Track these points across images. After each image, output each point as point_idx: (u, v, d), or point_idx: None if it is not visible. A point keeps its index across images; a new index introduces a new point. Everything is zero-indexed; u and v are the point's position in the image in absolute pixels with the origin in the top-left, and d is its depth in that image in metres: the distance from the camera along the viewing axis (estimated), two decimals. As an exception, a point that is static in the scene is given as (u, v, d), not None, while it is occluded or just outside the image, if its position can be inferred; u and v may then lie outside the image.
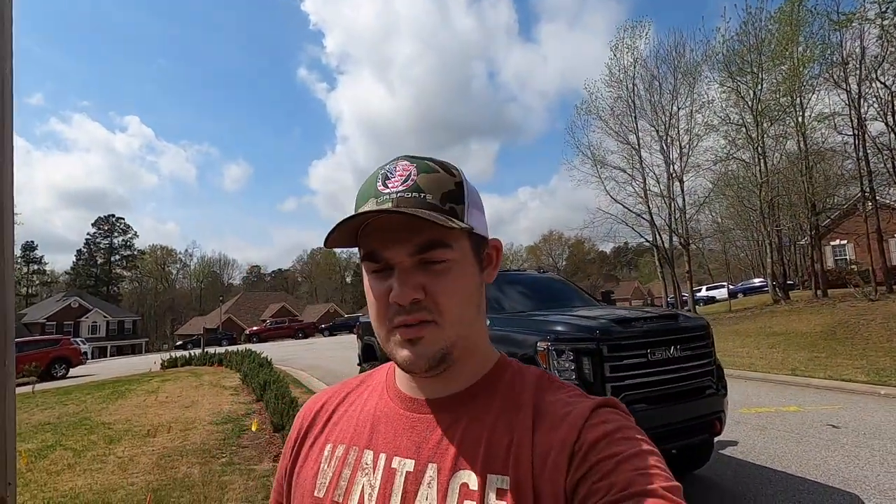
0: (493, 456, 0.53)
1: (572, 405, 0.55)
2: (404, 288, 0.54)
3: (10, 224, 3.15)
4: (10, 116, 3.18)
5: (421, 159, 0.58)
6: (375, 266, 0.57)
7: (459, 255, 0.57)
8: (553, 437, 0.52)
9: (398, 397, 0.62)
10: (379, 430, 0.60)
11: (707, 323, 3.71)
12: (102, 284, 69.19)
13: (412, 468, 0.55)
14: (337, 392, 0.69)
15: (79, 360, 17.50)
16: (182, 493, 4.03)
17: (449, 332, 0.56)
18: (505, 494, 0.50)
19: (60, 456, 5.47)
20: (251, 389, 9.03)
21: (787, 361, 9.30)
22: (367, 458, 0.58)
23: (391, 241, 0.55)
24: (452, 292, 0.56)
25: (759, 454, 4.42)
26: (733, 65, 20.08)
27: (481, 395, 0.59)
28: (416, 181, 0.56)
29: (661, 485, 0.46)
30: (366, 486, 0.56)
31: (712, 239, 31.12)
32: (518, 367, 0.63)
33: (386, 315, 0.56)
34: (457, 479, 0.53)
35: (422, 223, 0.53)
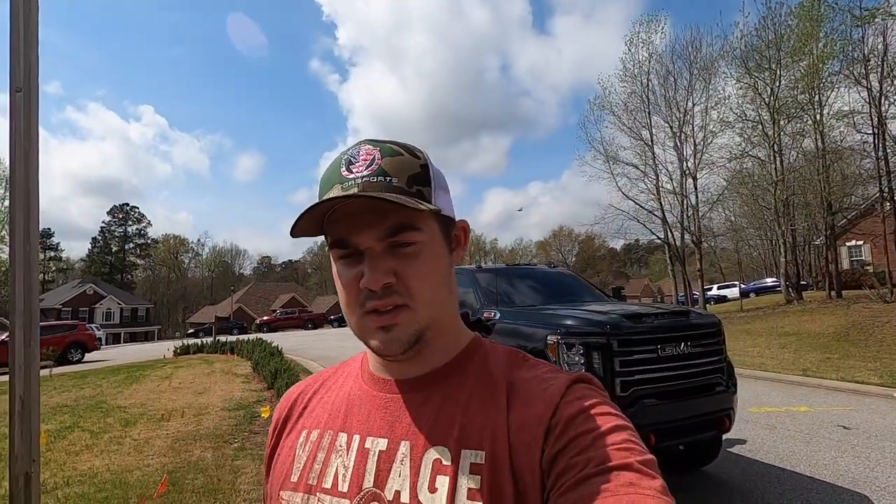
0: (468, 432, 0.53)
1: (547, 381, 0.55)
2: (375, 273, 0.54)
3: (36, 212, 3.20)
4: (35, 105, 3.22)
5: (384, 142, 0.57)
6: (344, 252, 0.56)
7: (428, 237, 0.57)
8: (529, 413, 0.52)
9: (371, 380, 0.63)
10: (353, 413, 0.60)
11: (718, 320, 3.70)
12: (117, 272, 70.29)
13: (385, 447, 0.55)
14: (314, 381, 0.70)
15: (94, 345, 17.84)
16: (196, 476, 4.13)
17: (422, 315, 0.56)
18: (480, 468, 0.50)
19: (78, 437, 5.62)
20: (262, 377, 9.16)
21: (799, 362, 9.21)
22: (341, 440, 0.58)
23: (360, 227, 0.55)
24: (423, 275, 0.56)
25: (768, 453, 4.41)
26: (751, 60, 19.72)
27: (454, 373, 0.59)
28: (380, 165, 0.55)
29: (637, 458, 0.47)
30: (340, 467, 0.56)
31: (725, 237, 30.77)
32: (490, 345, 0.64)
33: (357, 301, 0.56)
34: (430, 455, 0.53)
35: (389, 207, 0.52)
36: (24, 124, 3.24)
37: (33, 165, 3.25)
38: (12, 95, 3.28)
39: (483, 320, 4.32)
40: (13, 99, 3.28)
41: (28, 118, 3.27)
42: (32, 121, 3.27)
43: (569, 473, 0.47)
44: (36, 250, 3.25)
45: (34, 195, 3.24)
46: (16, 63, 3.34)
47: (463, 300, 4.72)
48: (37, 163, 3.32)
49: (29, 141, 3.25)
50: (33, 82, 3.36)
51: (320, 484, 0.56)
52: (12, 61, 3.35)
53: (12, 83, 3.30)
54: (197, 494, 3.70)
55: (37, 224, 3.26)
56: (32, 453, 2.96)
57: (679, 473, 4.00)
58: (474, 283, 4.84)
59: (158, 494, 3.54)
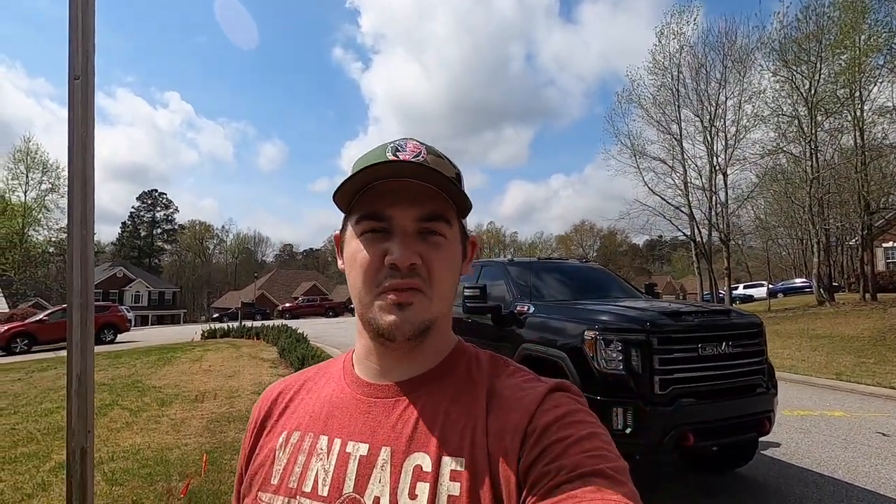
0: (448, 438, 0.53)
1: (526, 390, 0.56)
2: (407, 251, 0.54)
3: (92, 198, 3.30)
4: (92, 93, 3.31)
5: (428, 144, 0.61)
6: (375, 225, 0.56)
7: (453, 234, 0.59)
8: (507, 421, 0.53)
9: (355, 383, 0.62)
10: (334, 416, 0.60)
11: (761, 321, 3.62)
12: (145, 256, 72.33)
13: (366, 452, 0.55)
14: (294, 381, 0.69)
15: (125, 326, 18.41)
16: (232, 456, 4.25)
17: (435, 306, 0.57)
18: (459, 475, 0.51)
19: (119, 415, 5.84)
20: (289, 363, 9.35)
21: (832, 365, 8.96)
22: (321, 443, 0.58)
23: (401, 203, 0.56)
24: (445, 267, 0.57)
25: (804, 457, 4.32)
26: (789, 53, 19.06)
27: (437, 379, 0.60)
28: (426, 158, 0.57)
29: (608, 465, 0.46)
30: (320, 470, 0.56)
31: (754, 235, 29.99)
32: (474, 351, 0.64)
33: (375, 279, 0.56)
34: (410, 462, 0.53)
35: (428, 194, 0.55)
36: (82, 112, 3.34)
37: (90, 152, 3.35)
38: (71, 83, 3.38)
39: (516, 314, 4.31)
40: (72, 86, 3.38)
41: (85, 106, 3.37)
42: (89, 108, 3.37)
43: (542, 482, 0.47)
44: (92, 235, 3.36)
45: (90, 182, 3.34)
46: (74, 51, 3.43)
47: (494, 293, 4.72)
48: (93, 150, 3.42)
49: (86, 129, 3.35)
50: (90, 70, 3.46)
51: (300, 487, 0.56)
52: (71, 50, 3.45)
53: (71, 71, 3.40)
54: (234, 475, 3.81)
55: (92, 210, 3.36)
56: (88, 424, 3.09)
57: (713, 474, 3.95)
58: (506, 276, 4.83)
59: (204, 472, 3.66)
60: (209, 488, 3.51)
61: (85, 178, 3.32)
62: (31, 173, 35.13)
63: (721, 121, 21.51)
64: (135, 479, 3.75)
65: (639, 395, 3.10)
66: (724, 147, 21.52)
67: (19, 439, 4.99)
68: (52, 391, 7.61)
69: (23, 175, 34.89)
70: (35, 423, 5.65)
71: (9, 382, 8.76)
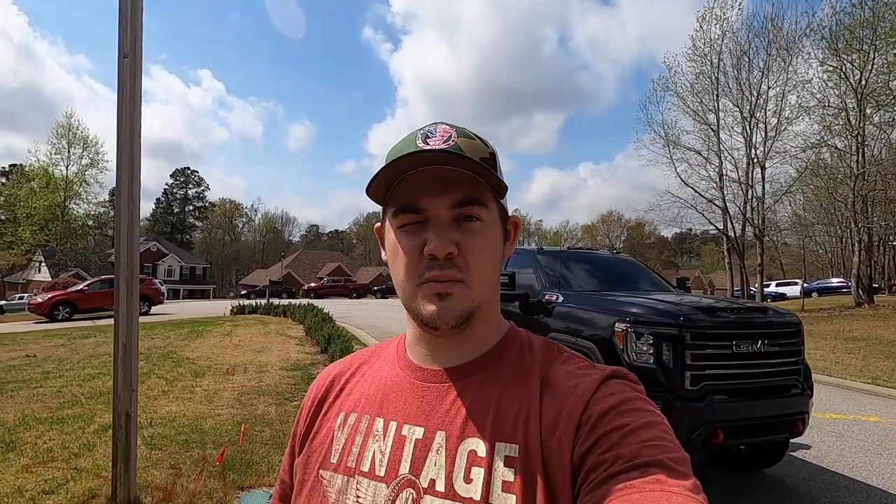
0: (502, 424, 0.53)
1: (580, 377, 0.55)
2: (441, 241, 0.54)
3: (139, 173, 3.38)
4: (140, 70, 3.37)
5: (459, 126, 0.59)
6: (411, 218, 0.57)
7: (491, 218, 0.58)
8: (561, 409, 0.52)
9: (409, 367, 0.63)
10: (389, 399, 0.61)
11: (799, 320, 3.52)
12: (177, 232, 74.68)
13: (421, 435, 0.56)
14: (350, 363, 0.71)
15: (159, 299, 19.07)
16: (263, 428, 4.41)
17: (476, 293, 0.56)
18: (514, 462, 0.51)
19: (155, 383, 6.11)
20: (315, 341, 9.57)
21: (868, 369, 8.65)
22: (378, 425, 0.59)
23: (433, 192, 0.55)
24: (482, 253, 0.56)
25: (835, 461, 4.22)
26: (840, 41, 18.06)
27: (490, 364, 0.60)
28: (457, 142, 0.56)
29: (668, 455, 0.45)
30: (377, 451, 0.57)
31: (790, 231, 28.93)
32: (527, 337, 0.64)
33: (416, 270, 0.56)
34: (465, 446, 0.53)
35: (464, 179, 0.54)
36: (130, 89, 3.42)
37: (137, 128, 3.44)
38: (120, 61, 3.45)
39: (544, 302, 4.30)
40: (121, 64, 3.45)
41: (133, 83, 3.44)
42: (137, 85, 3.44)
43: (597, 471, 0.46)
44: (138, 209, 3.45)
45: (137, 157, 3.43)
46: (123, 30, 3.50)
47: (522, 281, 4.70)
48: (140, 127, 3.50)
49: (133, 105, 3.43)
50: (138, 49, 3.52)
51: (358, 467, 0.57)
52: (120, 29, 3.51)
53: (120, 49, 3.46)
54: (266, 446, 3.96)
55: (139, 184, 3.45)
56: (133, 395, 3.23)
57: (739, 473, 3.90)
58: (535, 265, 4.80)
59: (242, 442, 3.80)
60: (241, 458, 3.65)
61: (132, 154, 3.41)
62: (73, 148, 36.43)
63: (762, 111, 20.69)
64: (172, 445, 3.93)
65: (668, 390, 3.07)
66: (763, 139, 20.72)
67: (65, 401, 5.28)
68: (93, 357, 7.99)
69: (65, 150, 36.21)
70: (79, 386, 5.96)
71: (53, 347, 9.24)
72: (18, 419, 4.62)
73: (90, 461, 3.60)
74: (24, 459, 3.62)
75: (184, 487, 3.16)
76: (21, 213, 34.66)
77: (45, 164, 35.72)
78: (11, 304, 26.84)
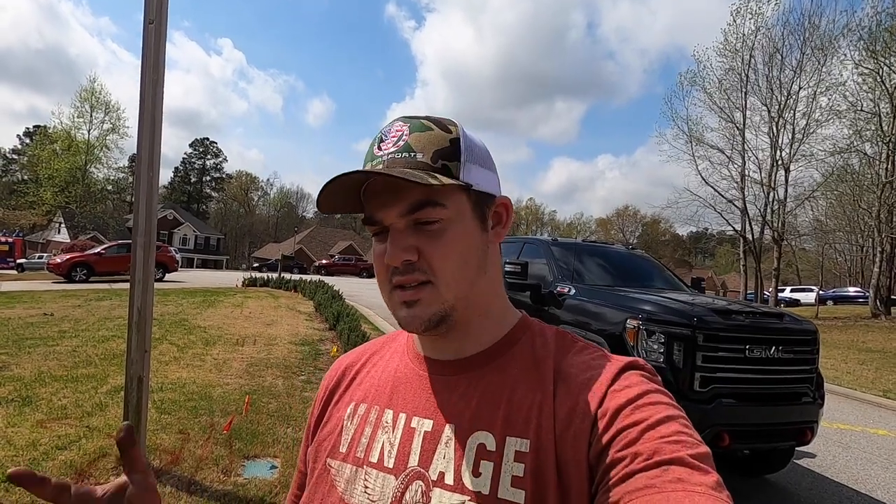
0: (513, 418, 0.52)
1: (595, 368, 0.53)
2: (395, 250, 0.54)
3: (159, 140, 3.37)
4: (164, 37, 3.34)
5: (416, 118, 0.57)
6: (374, 229, 0.57)
7: (454, 213, 0.55)
8: (576, 403, 0.51)
9: (417, 359, 0.63)
10: (399, 391, 0.61)
11: (816, 329, 3.46)
12: (194, 201, 75.53)
13: (430, 428, 0.56)
14: (360, 354, 0.71)
15: (174, 267, 19.40)
16: (269, 400, 4.48)
17: (446, 294, 0.55)
18: (524, 457, 0.50)
19: (167, 349, 6.23)
20: (324, 318, 9.67)
21: (880, 381, 8.52)
22: (387, 416, 0.59)
23: (383, 204, 0.55)
24: (447, 253, 0.55)
25: (840, 472, 4.18)
26: (879, 42, 17.42)
27: (500, 356, 0.58)
28: (407, 141, 0.55)
29: (688, 452, 0.43)
30: (386, 443, 0.57)
31: (809, 237, 28.37)
32: (539, 327, 0.62)
33: (386, 277, 0.57)
34: (474, 440, 0.53)
35: (408, 184, 0.52)
36: (154, 56, 3.40)
37: (160, 95, 3.43)
38: (146, 27, 3.43)
39: (555, 294, 4.27)
40: (146, 31, 3.43)
41: (157, 50, 3.42)
42: (161, 52, 3.42)
43: (615, 468, 0.44)
44: (157, 178, 3.47)
45: (158, 124, 3.43)
46: (150, -4, 3.42)
47: (534, 271, 4.67)
48: (162, 93, 3.49)
49: (157, 72, 3.41)
50: (164, 14, 3.49)
51: (367, 458, 0.57)
52: (147, -6, 3.45)
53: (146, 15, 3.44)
54: (272, 417, 4.02)
55: (159, 152, 3.46)
56: (145, 359, 3.28)
57: (742, 478, 3.88)
58: (549, 256, 4.77)
59: (245, 413, 3.88)
60: (248, 427, 3.72)
61: (154, 121, 3.41)
62: (95, 113, 36.82)
63: (791, 112, 20.15)
64: (181, 411, 4.02)
65: (676, 391, 3.04)
66: (790, 140, 20.23)
67: (80, 361, 5.42)
68: (108, 320, 8.17)
69: (87, 114, 36.63)
70: (93, 347, 6.11)
71: (70, 308, 9.46)
72: (35, 375, 4.76)
73: (102, 420, 3.69)
74: (39, 415, 3.73)
75: (191, 452, 3.24)
76: (43, 174, 35.30)
77: (67, 126, 36.24)
78: (31, 262, 27.49)
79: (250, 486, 2.90)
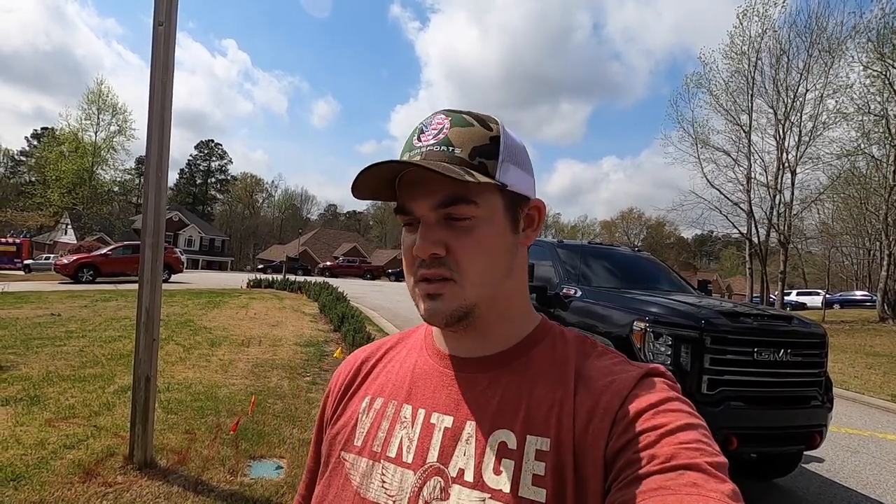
0: (534, 417, 0.52)
1: (617, 373, 0.54)
2: (424, 242, 0.54)
3: (168, 141, 3.39)
4: (174, 38, 3.36)
5: (458, 112, 0.57)
6: (405, 219, 0.57)
7: (486, 212, 0.55)
8: (596, 404, 0.51)
9: (437, 355, 0.62)
10: (418, 386, 0.60)
11: (825, 332, 3.43)
12: (199, 203, 75.91)
13: (451, 424, 0.55)
14: (377, 348, 0.70)
15: (179, 268, 19.48)
16: (275, 401, 4.49)
17: (469, 293, 0.55)
18: (545, 456, 0.50)
19: (173, 349, 6.25)
20: (328, 319, 9.68)
21: (888, 386, 8.44)
22: (405, 412, 0.59)
23: (416, 195, 0.55)
24: (475, 252, 0.55)
25: (848, 477, 4.14)
26: (887, 45, 17.30)
27: (521, 356, 0.58)
28: (447, 135, 0.55)
29: (706, 459, 0.43)
30: (404, 438, 0.57)
31: (816, 240, 28.19)
32: (560, 330, 0.62)
33: (411, 268, 0.57)
34: (495, 438, 0.52)
35: (444, 178, 0.51)
36: (164, 57, 3.43)
37: (169, 96, 3.45)
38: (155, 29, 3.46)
39: (561, 296, 4.26)
40: (155, 32, 3.46)
41: (167, 51, 3.45)
42: (170, 53, 3.45)
43: (631, 468, 0.45)
44: (166, 180, 3.49)
45: (167, 125, 3.45)
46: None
47: (540, 273, 4.67)
48: (171, 94, 3.51)
49: (166, 73, 3.44)
50: (173, 17, 3.52)
51: (384, 452, 0.57)
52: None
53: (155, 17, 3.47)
54: (278, 418, 4.03)
55: (168, 152, 3.48)
56: (153, 359, 3.30)
57: (749, 481, 3.86)
58: (554, 258, 4.76)
59: (251, 413, 3.88)
60: (254, 428, 3.73)
61: (163, 122, 3.44)
62: (102, 115, 37.07)
63: (797, 115, 20.01)
64: (187, 411, 4.03)
65: (683, 393, 3.02)
66: (796, 143, 20.08)
67: (87, 361, 5.45)
68: (114, 320, 8.21)
69: (94, 116, 36.88)
70: (100, 347, 6.14)
71: (77, 308, 9.52)
72: (43, 375, 4.79)
73: (109, 420, 3.71)
74: (48, 414, 3.75)
75: (197, 452, 3.25)
76: (50, 175, 35.55)
77: (75, 128, 36.50)
78: (38, 263, 27.70)
79: (257, 486, 2.90)
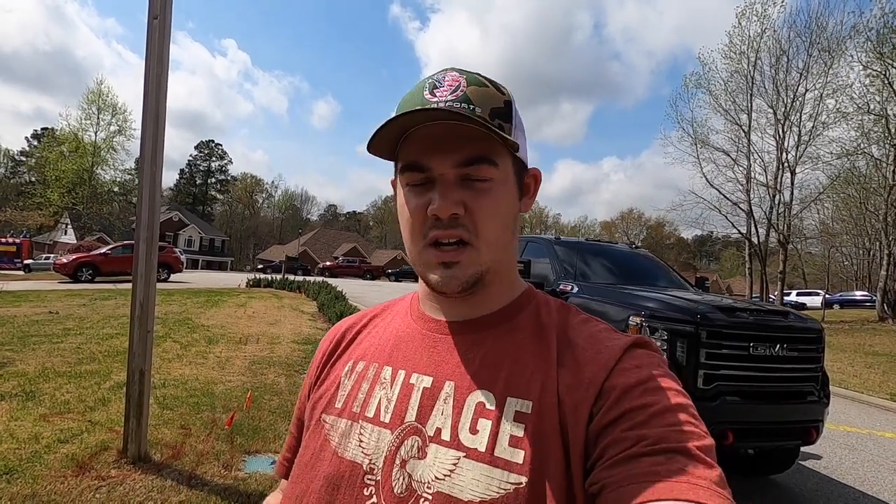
0: (515, 380, 0.52)
1: (603, 342, 0.53)
2: (445, 201, 0.52)
3: (162, 137, 3.38)
4: (168, 32, 3.35)
5: (470, 72, 0.56)
6: (416, 177, 0.55)
7: (503, 175, 0.55)
8: (582, 373, 0.50)
9: (421, 318, 0.62)
10: (399, 349, 0.60)
11: (821, 327, 3.42)
12: (199, 203, 75.92)
13: (429, 384, 0.55)
14: (362, 316, 0.70)
15: (178, 267, 19.46)
16: (272, 398, 4.48)
17: (485, 256, 0.54)
18: (525, 417, 0.49)
19: (170, 347, 6.24)
20: (327, 318, 9.68)
21: (887, 385, 8.43)
22: (385, 373, 0.58)
23: (437, 151, 0.53)
24: (493, 213, 0.54)
25: (846, 474, 4.13)
26: (887, 44, 17.30)
27: (506, 321, 0.58)
28: (465, 92, 0.53)
29: (695, 443, 0.43)
30: (383, 398, 0.56)
31: (815, 240, 28.18)
32: (544, 297, 0.62)
33: (421, 231, 0.55)
34: (473, 398, 0.52)
35: (471, 134, 0.50)
36: (158, 51, 3.42)
37: (163, 91, 3.44)
38: (150, 22, 3.45)
39: (558, 292, 4.25)
40: (150, 26, 3.45)
41: (161, 45, 3.44)
42: (165, 47, 3.44)
43: (617, 447, 0.44)
44: (160, 172, 3.48)
45: (162, 118, 3.44)
46: (154, -9, 3.45)
47: (537, 270, 4.66)
48: (166, 89, 3.50)
49: (161, 66, 3.43)
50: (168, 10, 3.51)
51: (363, 412, 0.57)
52: (151, -11, 3.47)
53: (150, 11, 3.46)
54: (273, 414, 4.02)
55: (162, 146, 3.48)
56: (147, 353, 3.29)
57: (745, 477, 3.84)
58: (552, 254, 4.75)
59: (247, 408, 3.87)
60: (250, 423, 3.72)
61: (158, 115, 3.43)
62: (102, 115, 37.04)
63: (797, 114, 20.03)
64: (183, 406, 4.02)
65: (680, 387, 3.02)
66: (796, 143, 20.09)
67: (83, 357, 5.44)
68: (112, 318, 8.21)
69: (94, 116, 36.84)
70: (97, 344, 6.13)
71: (75, 307, 9.51)
72: (39, 371, 4.78)
73: (104, 415, 3.70)
74: (42, 409, 3.74)
75: (192, 447, 3.23)
76: (50, 175, 35.53)
77: (75, 128, 36.45)
78: (38, 263, 27.70)
79: (251, 480, 2.89)
